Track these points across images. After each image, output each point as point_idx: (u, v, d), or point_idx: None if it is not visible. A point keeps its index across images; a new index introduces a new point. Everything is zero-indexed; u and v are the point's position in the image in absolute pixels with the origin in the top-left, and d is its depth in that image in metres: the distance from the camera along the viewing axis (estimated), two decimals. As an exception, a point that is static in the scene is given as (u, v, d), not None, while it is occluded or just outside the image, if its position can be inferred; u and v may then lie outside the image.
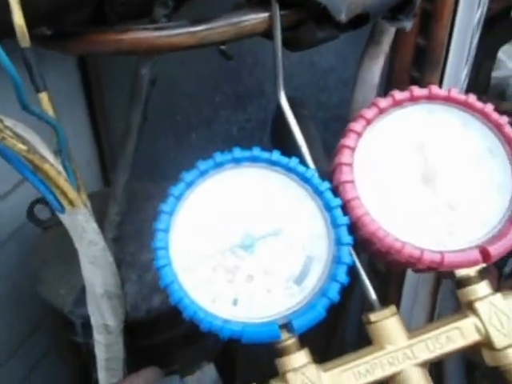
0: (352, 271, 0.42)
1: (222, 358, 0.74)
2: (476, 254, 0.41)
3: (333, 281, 0.40)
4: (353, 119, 0.43)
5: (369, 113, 0.43)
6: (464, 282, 0.43)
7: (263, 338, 0.38)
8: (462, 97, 0.43)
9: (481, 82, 0.81)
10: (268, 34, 0.45)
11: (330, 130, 0.75)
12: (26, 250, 0.72)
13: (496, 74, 0.93)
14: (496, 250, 0.41)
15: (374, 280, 0.66)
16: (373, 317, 0.42)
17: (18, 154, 0.37)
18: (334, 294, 0.39)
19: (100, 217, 0.64)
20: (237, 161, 0.41)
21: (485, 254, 0.41)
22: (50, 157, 0.40)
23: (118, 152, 0.58)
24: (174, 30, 0.48)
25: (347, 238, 0.40)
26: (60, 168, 0.41)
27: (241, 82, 0.84)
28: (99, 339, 0.51)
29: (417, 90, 0.43)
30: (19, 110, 0.36)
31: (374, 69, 0.53)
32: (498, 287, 0.44)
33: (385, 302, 0.43)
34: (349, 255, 0.40)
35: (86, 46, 0.52)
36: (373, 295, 0.43)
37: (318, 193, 0.41)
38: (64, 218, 0.44)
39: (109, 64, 0.86)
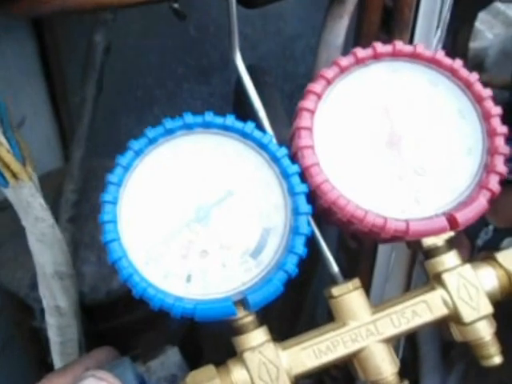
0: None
1: (187, 341, 0.72)
2: (443, 222, 0.38)
3: (290, 253, 0.37)
4: (312, 80, 0.40)
5: (329, 72, 0.40)
6: (431, 253, 0.41)
7: (217, 316, 0.36)
8: (429, 53, 0.41)
9: (458, 52, 0.79)
10: (220, -13, 0.42)
11: (297, 101, 0.72)
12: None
13: (474, 44, 0.91)
14: (464, 217, 0.38)
15: (344, 257, 0.64)
16: (335, 291, 0.40)
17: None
18: (291, 266, 0.37)
19: (59, 196, 0.61)
20: (188, 127, 0.38)
21: (452, 221, 0.39)
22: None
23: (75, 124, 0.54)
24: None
25: (305, 207, 0.37)
26: (2, 139, 0.37)
27: (204, 54, 0.81)
28: (51, 322, 0.48)
29: (380, 47, 0.41)
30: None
31: (338, 30, 0.50)
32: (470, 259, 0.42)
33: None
34: (307, 225, 0.37)
35: (31, 7, 0.48)
36: (335, 268, 0.41)
37: (275, 160, 0.38)
38: (9, 193, 0.41)
39: (67, 38, 0.82)
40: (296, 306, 0.69)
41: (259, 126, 0.40)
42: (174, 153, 0.40)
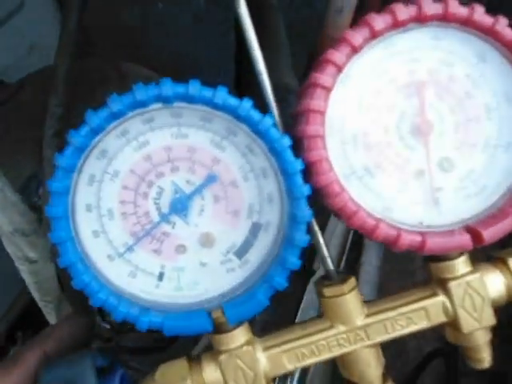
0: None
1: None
2: (466, 239, 0.33)
3: (280, 266, 0.31)
4: (332, 43, 0.30)
5: (356, 37, 0.30)
6: (439, 256, 0.35)
7: (189, 331, 0.32)
8: (488, 20, 0.31)
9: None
10: None
11: (295, 33, 0.59)
12: None
13: None
14: (491, 234, 0.33)
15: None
16: (327, 291, 0.35)
17: None
18: (280, 281, 0.31)
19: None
20: (166, 100, 0.29)
21: (476, 237, 0.33)
22: None
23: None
24: None
25: (305, 215, 0.31)
26: None
27: None
28: (22, 268, 0.45)
29: (428, 6, 0.30)
30: None
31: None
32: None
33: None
34: (304, 235, 0.31)
35: None
36: (330, 265, 0.36)
37: (274, 150, 0.30)
38: None
39: None
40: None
41: (258, 102, 0.30)
42: (144, 131, 0.32)
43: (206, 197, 0.33)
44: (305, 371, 0.48)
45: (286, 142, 0.30)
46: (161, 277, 0.33)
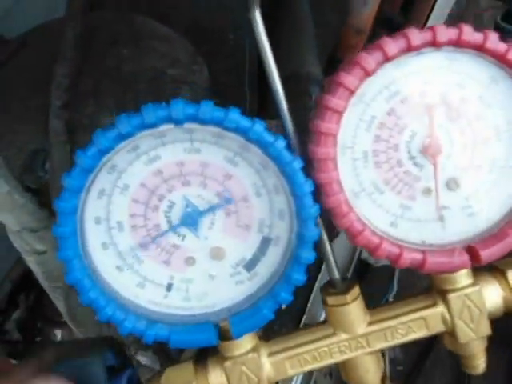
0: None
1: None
2: (464, 259, 0.34)
3: (286, 282, 0.32)
4: (344, 66, 0.30)
5: (369, 61, 0.31)
6: None
7: (195, 345, 0.33)
8: (502, 47, 0.31)
9: None
10: None
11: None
12: None
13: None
14: (489, 255, 0.34)
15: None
16: (330, 300, 0.36)
17: None
18: (285, 296, 0.32)
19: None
20: (176, 122, 0.29)
21: (474, 256, 0.34)
22: None
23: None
24: None
25: (312, 235, 0.32)
26: None
27: None
28: (29, 259, 0.45)
29: (442, 32, 0.30)
30: None
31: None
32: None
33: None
34: (311, 253, 0.32)
35: None
36: (336, 274, 0.37)
37: (285, 173, 0.31)
38: None
39: None
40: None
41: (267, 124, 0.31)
42: (161, 142, 0.32)
43: (216, 211, 0.33)
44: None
45: (297, 164, 0.31)
46: (169, 287, 0.34)
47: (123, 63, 0.57)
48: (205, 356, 0.37)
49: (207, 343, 0.33)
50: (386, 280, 0.89)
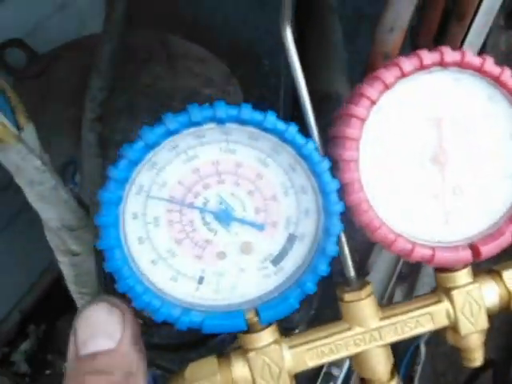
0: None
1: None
2: (467, 254, 0.39)
3: (312, 272, 0.35)
4: (369, 81, 0.35)
5: (388, 76, 0.35)
6: (444, 268, 0.40)
7: (226, 330, 0.36)
8: (496, 70, 0.36)
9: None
10: None
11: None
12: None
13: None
14: (488, 251, 0.39)
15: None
16: (347, 296, 0.40)
17: None
18: (311, 286, 0.36)
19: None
20: (219, 121, 0.32)
21: (475, 252, 0.39)
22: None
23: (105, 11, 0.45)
24: None
25: (337, 229, 0.35)
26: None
27: None
28: (63, 260, 0.46)
29: (449, 54, 0.35)
30: None
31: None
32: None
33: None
34: (335, 246, 0.35)
35: None
36: (351, 272, 0.41)
37: (315, 172, 0.34)
38: None
39: None
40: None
41: (302, 127, 0.34)
42: (199, 142, 0.35)
43: (247, 208, 0.36)
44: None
45: (326, 165, 0.35)
46: (201, 280, 0.36)
47: (157, 81, 0.60)
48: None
49: (238, 329, 0.36)
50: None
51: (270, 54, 0.87)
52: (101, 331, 0.27)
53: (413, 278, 0.88)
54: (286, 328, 0.39)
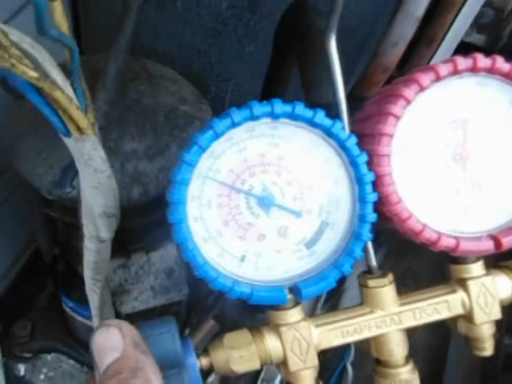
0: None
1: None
2: (490, 245, 0.42)
3: (348, 255, 0.39)
4: (405, 84, 0.39)
5: (425, 79, 0.39)
6: (461, 260, 0.45)
7: (270, 302, 0.40)
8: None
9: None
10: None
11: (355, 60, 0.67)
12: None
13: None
14: (509, 242, 0.42)
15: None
16: (371, 282, 0.43)
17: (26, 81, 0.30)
18: (347, 268, 0.40)
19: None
20: (275, 116, 0.36)
21: (497, 243, 0.42)
22: (60, 77, 0.33)
23: (115, 33, 0.50)
24: None
25: (372, 216, 0.39)
26: (71, 93, 0.34)
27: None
28: (90, 247, 0.49)
29: (480, 60, 0.39)
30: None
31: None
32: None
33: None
34: (369, 233, 0.39)
35: None
36: (373, 261, 0.44)
37: (355, 163, 0.38)
38: (69, 142, 0.38)
39: None
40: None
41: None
42: (249, 136, 0.39)
43: (286, 196, 0.40)
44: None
45: (364, 157, 0.38)
46: (243, 259, 0.40)
47: (142, 97, 0.68)
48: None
49: (281, 301, 0.40)
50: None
51: (217, 82, 0.95)
52: (107, 349, 0.33)
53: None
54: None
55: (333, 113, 0.42)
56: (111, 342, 0.33)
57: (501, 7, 0.75)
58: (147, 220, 0.66)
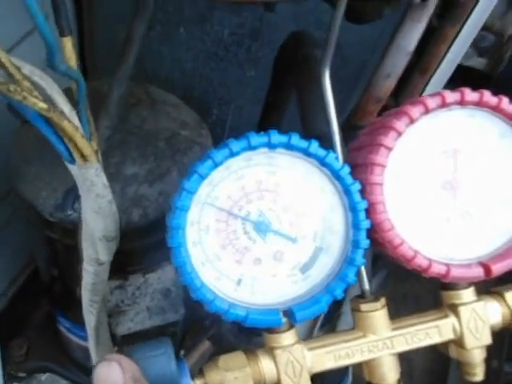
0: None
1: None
2: (480, 272, 0.44)
3: (341, 280, 0.41)
4: (396, 116, 0.41)
5: (414, 111, 0.41)
6: (451, 286, 0.47)
7: (265, 324, 0.41)
8: (511, 108, 0.42)
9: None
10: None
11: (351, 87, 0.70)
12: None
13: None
14: (499, 269, 0.45)
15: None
16: (363, 306, 0.45)
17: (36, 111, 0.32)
18: (339, 292, 0.41)
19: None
20: (272, 146, 0.38)
21: (487, 270, 0.44)
22: (67, 107, 0.35)
23: (118, 61, 0.52)
24: None
25: (365, 242, 0.41)
26: (76, 122, 0.36)
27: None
28: (89, 269, 0.51)
29: (468, 94, 0.41)
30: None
31: (413, 35, 0.49)
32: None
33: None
34: (362, 258, 0.40)
35: None
36: (366, 285, 0.46)
37: (348, 192, 0.40)
38: (72, 167, 0.40)
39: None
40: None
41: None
42: (247, 165, 0.41)
43: (282, 222, 0.42)
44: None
45: (357, 186, 0.40)
46: (239, 282, 0.42)
47: (144, 123, 0.70)
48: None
49: (276, 324, 0.42)
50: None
51: (218, 104, 0.98)
52: (108, 383, 0.34)
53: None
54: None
55: (328, 143, 0.44)
56: (112, 376, 0.34)
57: (501, 32, 0.77)
58: (146, 242, 0.68)
